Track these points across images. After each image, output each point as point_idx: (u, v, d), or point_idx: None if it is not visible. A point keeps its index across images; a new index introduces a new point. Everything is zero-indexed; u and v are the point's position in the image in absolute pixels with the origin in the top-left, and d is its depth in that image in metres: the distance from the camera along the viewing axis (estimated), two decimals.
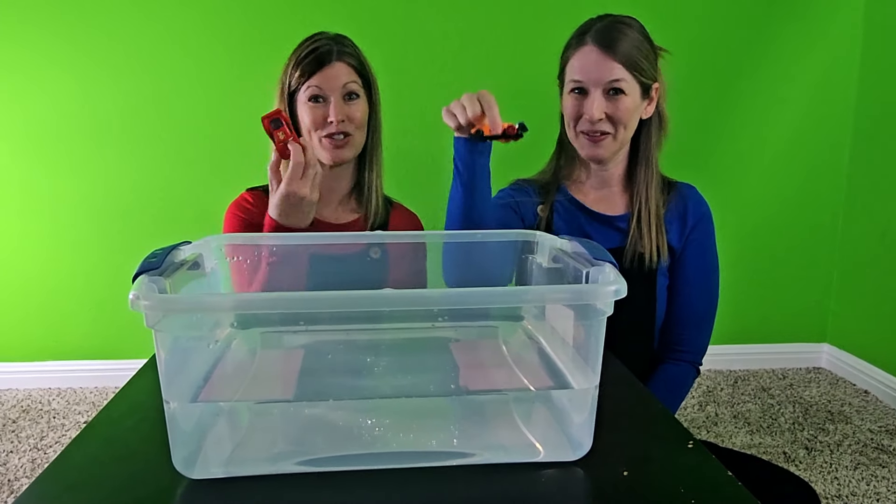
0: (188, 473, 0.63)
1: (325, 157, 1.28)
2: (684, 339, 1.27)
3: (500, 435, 0.69)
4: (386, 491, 0.62)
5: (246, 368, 0.82)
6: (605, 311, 0.63)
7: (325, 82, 1.24)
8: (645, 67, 1.16)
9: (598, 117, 1.15)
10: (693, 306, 1.27)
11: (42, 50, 2.27)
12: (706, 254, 1.28)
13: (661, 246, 1.22)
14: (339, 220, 1.35)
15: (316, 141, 1.27)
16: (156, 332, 0.59)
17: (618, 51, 1.13)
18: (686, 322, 1.27)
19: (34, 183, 2.37)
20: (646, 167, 1.24)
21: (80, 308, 2.47)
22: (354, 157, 1.33)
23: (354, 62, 1.28)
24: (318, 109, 1.25)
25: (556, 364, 0.80)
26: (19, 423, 2.19)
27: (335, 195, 1.36)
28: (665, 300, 1.27)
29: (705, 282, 1.27)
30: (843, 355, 2.60)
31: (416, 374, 0.80)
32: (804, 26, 2.43)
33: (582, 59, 1.16)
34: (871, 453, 1.97)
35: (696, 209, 1.27)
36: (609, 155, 1.21)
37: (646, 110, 1.21)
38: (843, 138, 2.54)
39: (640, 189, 1.24)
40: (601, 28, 1.15)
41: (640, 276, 1.21)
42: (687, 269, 1.26)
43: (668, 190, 1.28)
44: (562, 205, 1.28)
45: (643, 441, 0.73)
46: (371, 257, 0.94)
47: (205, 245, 0.83)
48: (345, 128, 1.26)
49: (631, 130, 1.20)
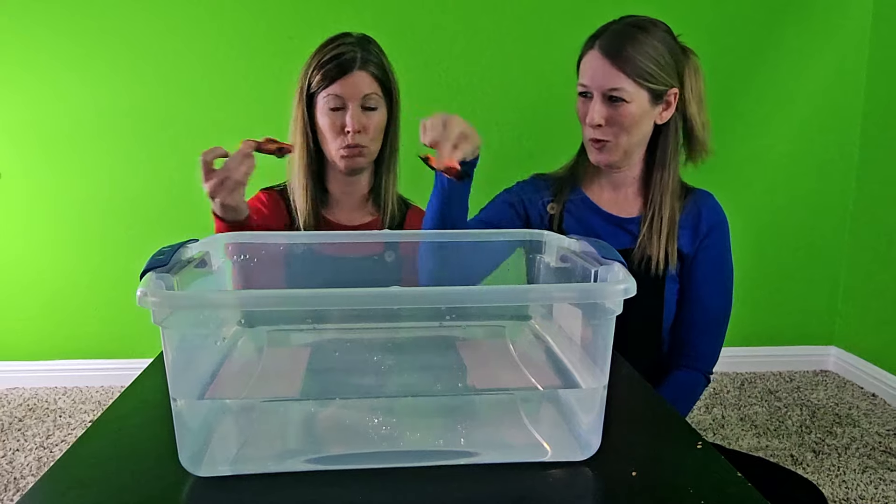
0: (195, 471, 0.63)
1: (341, 165, 1.28)
2: (695, 347, 1.25)
3: (507, 434, 0.69)
4: (393, 489, 0.62)
5: (253, 366, 0.82)
6: (614, 310, 0.62)
7: (346, 90, 1.24)
8: (654, 74, 1.13)
9: (596, 122, 1.14)
10: (705, 314, 1.25)
11: (49, 49, 2.28)
12: (719, 262, 1.26)
13: (671, 252, 1.21)
14: (354, 221, 1.36)
15: (333, 149, 1.27)
16: (163, 328, 0.58)
17: (622, 59, 1.12)
18: (697, 330, 1.25)
19: (41, 182, 2.37)
20: (662, 172, 1.22)
21: (87, 307, 2.47)
22: (370, 164, 1.33)
23: (377, 70, 1.27)
24: (337, 117, 1.25)
25: (563, 363, 0.79)
26: (25, 422, 2.19)
27: (352, 199, 1.36)
28: (674, 305, 1.25)
29: (718, 290, 1.26)
30: (850, 358, 2.58)
31: (424, 373, 0.80)
32: (812, 28, 2.42)
33: (588, 63, 1.16)
34: (878, 456, 1.95)
35: (711, 217, 1.25)
36: (614, 160, 1.20)
37: (661, 116, 1.18)
38: (852, 141, 2.53)
39: (654, 193, 1.22)
40: (611, 33, 1.14)
41: (648, 280, 1.20)
42: (699, 277, 1.25)
43: (684, 196, 1.26)
44: (574, 204, 1.27)
45: (652, 441, 0.72)
46: (386, 260, 0.94)
47: (212, 243, 0.83)
48: (359, 140, 1.25)
49: (637, 137, 1.18)
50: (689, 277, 1.25)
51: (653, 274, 1.20)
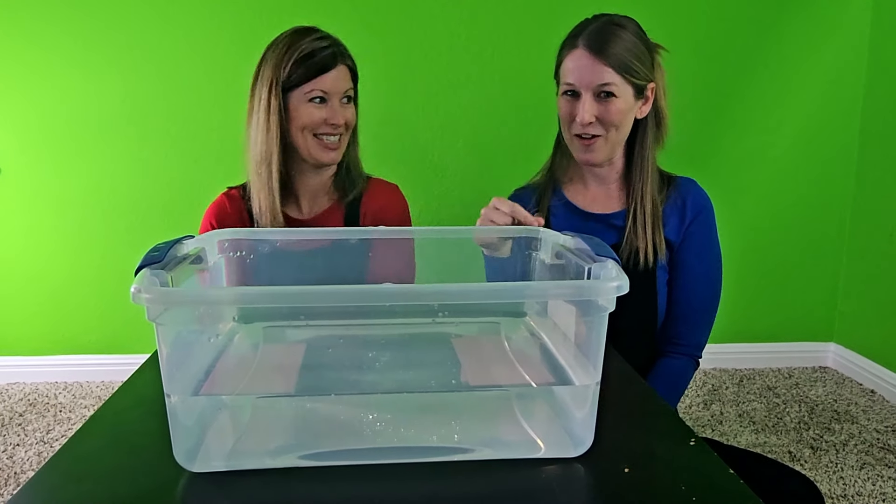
0: (189, 467, 0.63)
1: (319, 157, 1.28)
2: (683, 333, 1.27)
3: (501, 431, 0.69)
4: (386, 486, 0.62)
5: (248, 362, 0.83)
6: (607, 308, 0.63)
7: (331, 85, 1.25)
8: (637, 69, 1.15)
9: (588, 120, 1.15)
10: (693, 300, 1.26)
11: (50, 46, 2.28)
12: (706, 247, 1.27)
13: (659, 243, 1.22)
14: (314, 211, 1.35)
15: (309, 139, 1.27)
16: (157, 325, 0.59)
17: (608, 54, 1.13)
18: (686, 316, 1.26)
19: (42, 178, 2.38)
20: (641, 166, 1.24)
21: (87, 302, 2.48)
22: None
23: (351, 64, 1.30)
24: (318, 111, 1.25)
25: (557, 360, 0.80)
26: (26, 417, 2.20)
27: (314, 189, 1.36)
28: (666, 296, 1.26)
29: (705, 275, 1.27)
30: (849, 354, 2.59)
31: (418, 370, 0.80)
32: (811, 27, 2.42)
33: (573, 62, 1.16)
34: (877, 453, 1.96)
35: (695, 203, 1.26)
36: (602, 158, 1.21)
37: (640, 110, 1.21)
38: (852, 138, 2.52)
39: (635, 187, 1.24)
40: (593, 31, 1.15)
41: (638, 273, 1.21)
42: (686, 263, 1.26)
43: (666, 185, 1.27)
44: (557, 207, 1.28)
45: (645, 438, 0.72)
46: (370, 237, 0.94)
47: (207, 239, 0.83)
48: (340, 131, 1.28)
49: (624, 132, 1.20)
50: (677, 263, 1.26)
51: (642, 267, 1.21)
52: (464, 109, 2.39)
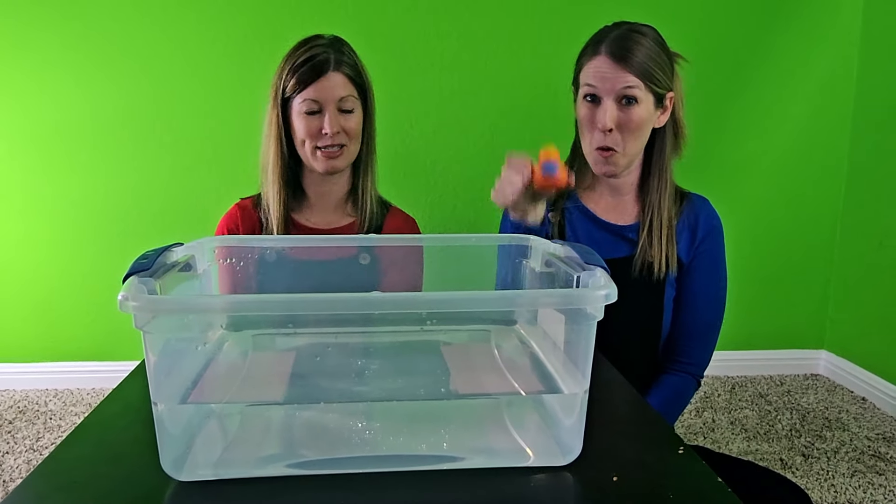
0: (176, 475, 0.63)
1: (319, 167, 1.28)
2: (687, 351, 1.26)
3: (490, 439, 0.69)
4: (375, 494, 0.62)
5: (237, 371, 0.82)
6: (595, 316, 0.63)
7: (322, 94, 1.23)
8: (659, 77, 1.15)
9: (609, 126, 1.14)
10: (698, 319, 1.26)
11: (43, 52, 2.28)
12: (714, 267, 1.27)
13: (671, 256, 1.21)
14: (332, 224, 1.35)
15: (309, 151, 1.27)
16: (144, 333, 0.59)
17: (632, 61, 1.12)
18: (690, 334, 1.26)
19: (34, 184, 2.37)
20: (659, 177, 1.23)
21: (78, 309, 2.47)
22: (349, 165, 1.33)
23: (351, 71, 1.27)
24: (314, 121, 1.24)
25: (547, 368, 0.80)
26: (15, 424, 2.18)
27: (329, 201, 1.36)
28: (671, 312, 1.27)
29: (712, 295, 1.27)
30: (840, 362, 2.60)
31: (407, 378, 0.80)
32: (803, 33, 2.43)
33: (596, 67, 1.15)
34: (868, 461, 1.96)
35: (707, 222, 1.26)
36: (620, 171, 1.20)
37: (659, 119, 1.20)
38: (842, 146, 2.54)
39: (651, 198, 1.23)
40: (615, 37, 1.15)
41: (649, 285, 1.21)
42: (694, 282, 1.25)
43: (680, 201, 1.27)
44: (571, 212, 1.27)
45: (633, 446, 0.72)
46: (360, 263, 0.94)
47: (197, 247, 0.83)
48: (339, 140, 1.26)
49: (642, 141, 1.19)
50: (685, 282, 1.26)
51: (654, 279, 1.21)
52: (456, 116, 2.39)
